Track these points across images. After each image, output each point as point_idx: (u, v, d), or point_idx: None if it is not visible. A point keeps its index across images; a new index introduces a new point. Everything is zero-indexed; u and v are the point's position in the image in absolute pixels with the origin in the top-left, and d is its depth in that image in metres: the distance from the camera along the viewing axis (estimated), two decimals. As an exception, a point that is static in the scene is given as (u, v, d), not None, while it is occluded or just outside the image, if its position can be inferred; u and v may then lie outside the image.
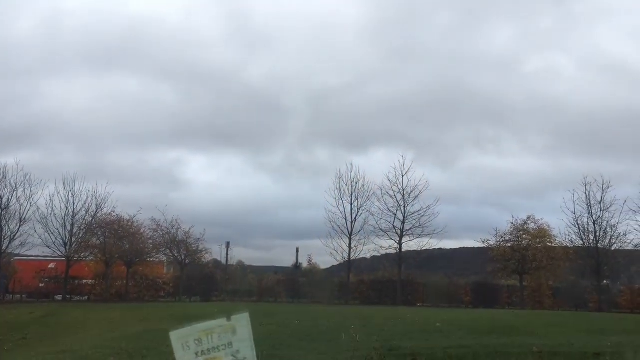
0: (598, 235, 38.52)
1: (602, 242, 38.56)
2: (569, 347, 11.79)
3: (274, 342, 11.91)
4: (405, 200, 39.99)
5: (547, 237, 40.81)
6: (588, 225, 38.79)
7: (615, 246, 38.94)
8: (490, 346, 11.70)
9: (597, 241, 38.46)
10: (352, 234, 40.47)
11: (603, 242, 38.55)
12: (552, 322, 18.84)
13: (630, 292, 38.40)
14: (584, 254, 39.24)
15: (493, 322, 18.26)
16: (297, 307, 30.70)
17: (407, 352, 10.62)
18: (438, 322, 17.49)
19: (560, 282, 41.49)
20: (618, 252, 39.76)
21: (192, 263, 42.14)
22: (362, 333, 13.44)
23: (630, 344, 12.55)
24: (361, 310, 26.36)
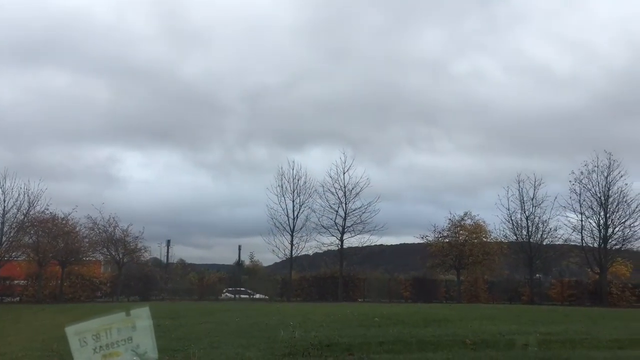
0: (530, 231, 40.20)
1: (534, 237, 40.30)
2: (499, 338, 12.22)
3: (211, 340, 11.82)
4: (347, 197, 40.46)
5: (482, 232, 42.20)
6: (521, 221, 40.48)
7: (546, 241, 40.80)
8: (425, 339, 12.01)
9: (529, 236, 40.11)
10: (294, 231, 40.66)
11: (535, 237, 40.29)
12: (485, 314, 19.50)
13: (560, 284, 40.14)
14: (517, 248, 40.85)
15: (429, 315, 18.73)
16: (238, 305, 30.52)
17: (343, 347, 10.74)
18: (376, 317, 17.79)
19: (495, 276, 42.91)
20: (549, 246, 41.60)
21: (130, 262, 41.25)
22: (301, 329, 13.55)
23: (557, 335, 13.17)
24: (302, 307, 26.48)
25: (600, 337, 12.74)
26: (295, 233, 40.62)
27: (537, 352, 10.24)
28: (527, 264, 39.83)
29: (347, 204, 40.38)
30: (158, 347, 10.13)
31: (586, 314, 22.04)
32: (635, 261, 43.21)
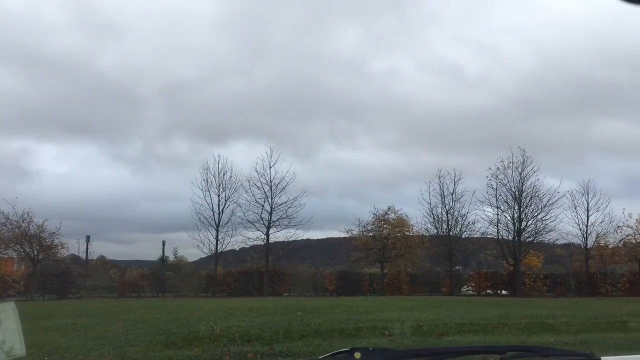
0: (450, 224, 41.69)
1: (454, 230, 41.81)
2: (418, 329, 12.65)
3: (128, 338, 11.56)
4: (273, 191, 40.43)
5: (405, 226, 43.35)
6: (442, 215, 41.86)
7: (465, 234, 42.44)
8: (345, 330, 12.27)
9: (449, 230, 41.58)
10: (220, 226, 40.23)
11: (455, 230, 41.81)
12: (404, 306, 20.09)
13: (477, 276, 41.88)
14: (438, 242, 42.24)
15: (351, 308, 19.09)
16: (161, 302, 29.92)
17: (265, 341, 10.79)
18: (299, 310, 17.95)
19: (417, 268, 44.20)
20: (468, 239, 43.31)
21: (46, 259, 39.47)
22: (223, 325, 13.48)
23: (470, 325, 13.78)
24: (226, 302, 26.30)
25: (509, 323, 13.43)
26: (221, 228, 40.26)
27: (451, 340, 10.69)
28: (447, 256, 41.27)
29: (273, 198, 40.39)
30: (72, 347, 9.79)
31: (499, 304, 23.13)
32: (547, 253, 45.77)
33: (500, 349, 1.69)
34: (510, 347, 1.69)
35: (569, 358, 1.70)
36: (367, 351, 1.63)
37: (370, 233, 42.86)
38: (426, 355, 1.65)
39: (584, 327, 12.59)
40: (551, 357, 1.70)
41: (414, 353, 1.65)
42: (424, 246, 43.30)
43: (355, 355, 1.60)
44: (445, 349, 1.71)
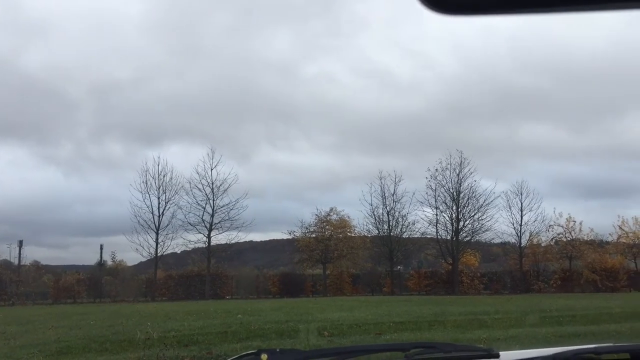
0: (391, 225, 42.35)
1: (395, 230, 42.50)
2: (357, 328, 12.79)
3: (60, 345, 11.18)
4: (215, 193, 40.01)
5: (347, 227, 43.77)
6: (383, 216, 42.48)
7: (405, 234, 43.24)
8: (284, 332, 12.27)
9: (390, 230, 42.24)
10: (160, 229, 39.45)
11: (395, 230, 42.50)
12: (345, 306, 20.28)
13: (417, 275, 42.71)
14: (380, 242, 42.84)
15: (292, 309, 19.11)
16: (97, 307, 29.05)
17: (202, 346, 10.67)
18: (240, 313, 17.83)
19: (359, 269, 44.67)
20: (408, 239, 44.13)
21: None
22: (161, 330, 13.23)
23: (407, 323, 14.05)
24: (165, 306, 25.81)
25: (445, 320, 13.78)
26: (161, 231, 39.49)
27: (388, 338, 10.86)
28: (389, 256, 41.91)
29: (215, 200, 39.97)
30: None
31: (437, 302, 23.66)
32: (483, 252, 47.18)
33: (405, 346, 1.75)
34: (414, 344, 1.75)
35: (469, 353, 1.78)
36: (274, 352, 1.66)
37: (312, 234, 43.06)
38: (332, 355, 1.69)
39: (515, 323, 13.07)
40: (453, 352, 1.77)
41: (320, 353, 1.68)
42: (366, 247, 43.86)
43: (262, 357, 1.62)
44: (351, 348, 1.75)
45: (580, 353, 1.84)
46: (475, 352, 1.77)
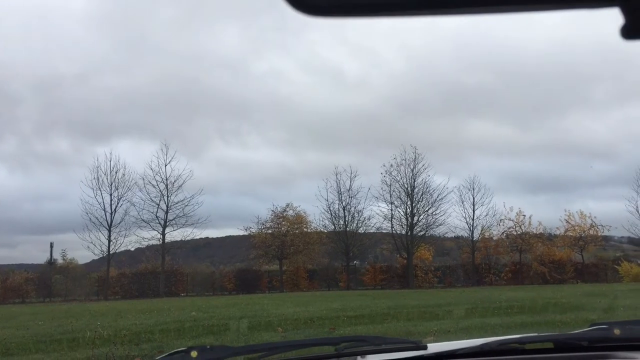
0: (347, 220, 42.64)
1: (351, 226, 42.81)
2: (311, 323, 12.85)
3: (5, 346, 10.86)
4: (169, 189, 39.46)
5: (303, 223, 43.88)
6: (339, 211, 42.74)
7: (361, 229, 43.62)
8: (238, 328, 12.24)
9: (346, 225, 42.52)
10: (112, 226, 38.67)
11: (351, 226, 42.81)
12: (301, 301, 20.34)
13: (373, 270, 43.15)
14: (336, 237, 43.09)
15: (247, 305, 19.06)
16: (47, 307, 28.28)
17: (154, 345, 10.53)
18: (194, 310, 17.67)
19: (316, 264, 44.84)
20: (364, 234, 44.55)
21: None
22: (112, 329, 12.98)
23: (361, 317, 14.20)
24: (118, 305, 25.36)
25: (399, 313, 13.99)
26: (114, 228, 38.72)
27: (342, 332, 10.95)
28: (345, 251, 42.20)
29: (169, 197, 39.41)
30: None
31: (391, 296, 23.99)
32: (437, 246, 48.00)
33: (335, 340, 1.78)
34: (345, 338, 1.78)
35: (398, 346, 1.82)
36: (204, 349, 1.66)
37: (269, 230, 42.98)
38: (262, 351, 1.70)
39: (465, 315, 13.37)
40: (382, 345, 1.81)
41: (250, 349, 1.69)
42: (322, 242, 44.06)
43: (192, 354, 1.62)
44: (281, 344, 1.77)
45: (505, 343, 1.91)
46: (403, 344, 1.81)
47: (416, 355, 1.80)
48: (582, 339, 1.92)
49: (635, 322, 2.01)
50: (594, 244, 43.20)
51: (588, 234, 42.32)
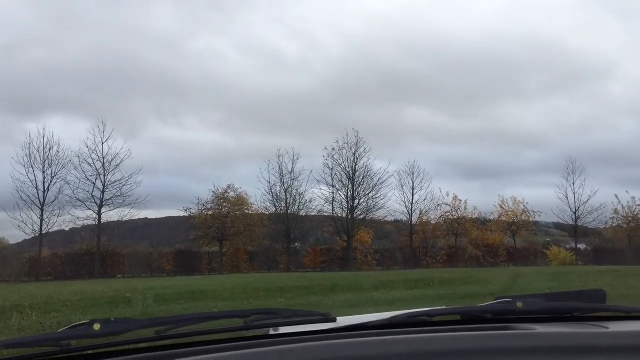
0: (289, 202, 42.69)
1: (292, 208, 42.90)
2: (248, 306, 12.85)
3: None
4: (106, 168, 38.33)
5: (245, 204, 43.66)
6: (280, 194, 42.72)
7: (303, 212, 43.79)
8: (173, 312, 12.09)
9: (287, 208, 42.58)
10: (45, 205, 37.28)
11: (293, 208, 42.91)
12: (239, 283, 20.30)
13: (313, 252, 43.49)
14: (277, 219, 43.10)
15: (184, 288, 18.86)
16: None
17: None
18: (128, 292, 17.32)
19: (257, 246, 44.76)
20: (306, 217, 44.74)
21: None
22: (41, 311, 12.58)
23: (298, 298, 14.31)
24: (49, 287, 24.58)
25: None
26: (46, 207, 37.32)
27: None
28: (286, 234, 42.30)
29: (106, 176, 38.29)
30: None
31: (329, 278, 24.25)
32: (377, 229, 48.80)
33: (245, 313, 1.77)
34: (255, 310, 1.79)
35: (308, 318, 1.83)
36: (108, 322, 1.62)
37: (209, 211, 42.53)
38: (168, 323, 1.68)
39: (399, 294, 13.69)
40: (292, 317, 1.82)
41: (155, 322, 1.67)
42: (263, 224, 44.00)
43: (94, 327, 1.58)
44: (189, 316, 1.75)
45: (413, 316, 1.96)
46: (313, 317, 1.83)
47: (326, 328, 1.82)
48: (486, 312, 1.99)
49: (536, 295, 2.10)
50: (526, 229, 45.07)
51: (520, 219, 44.05)
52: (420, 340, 1.74)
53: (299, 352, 1.61)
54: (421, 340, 1.74)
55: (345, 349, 1.66)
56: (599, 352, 1.69)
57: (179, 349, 1.64)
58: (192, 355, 1.58)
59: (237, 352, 1.62)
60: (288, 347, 1.64)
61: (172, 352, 1.61)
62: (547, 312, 1.98)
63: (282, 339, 1.75)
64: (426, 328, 1.89)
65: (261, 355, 1.60)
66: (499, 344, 1.74)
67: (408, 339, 1.74)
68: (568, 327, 1.84)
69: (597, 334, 1.78)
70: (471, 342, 1.74)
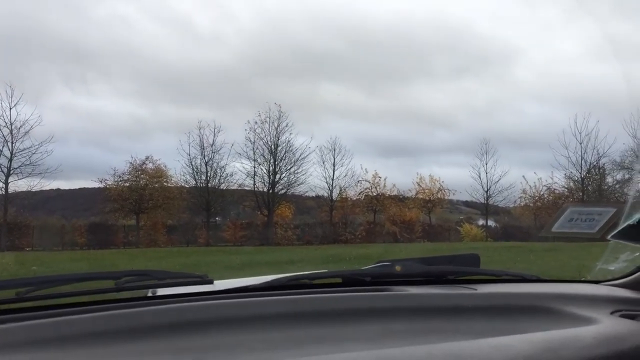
0: (209, 176, 42.09)
1: (213, 181, 42.35)
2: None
3: None
4: (14, 135, 36.17)
5: (164, 177, 42.58)
6: (201, 167, 42.02)
7: (223, 186, 43.33)
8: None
9: (208, 181, 42.00)
10: (-57, 173, 34.84)
11: (213, 181, 42.37)
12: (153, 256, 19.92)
13: (233, 226, 43.19)
14: (197, 193, 42.42)
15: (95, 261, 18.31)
16: None
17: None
18: (35, 265, 16.61)
19: (175, 220, 43.89)
20: (226, 191, 44.29)
21: None
22: None
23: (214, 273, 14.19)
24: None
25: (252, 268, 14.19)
26: (-55, 175, 34.90)
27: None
28: (206, 207, 41.75)
29: (14, 143, 36.15)
30: None
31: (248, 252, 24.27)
32: (298, 204, 49.10)
33: (116, 274, 1.72)
34: (126, 272, 1.73)
35: (183, 280, 1.80)
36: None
37: (126, 183, 41.20)
38: (32, 284, 1.60)
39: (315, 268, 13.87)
40: (167, 279, 1.78)
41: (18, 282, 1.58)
42: (183, 197, 43.15)
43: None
44: (55, 277, 1.68)
45: (294, 279, 1.96)
46: (189, 278, 1.80)
47: (205, 290, 1.80)
48: (366, 275, 2.03)
49: (414, 259, 2.17)
50: (441, 206, 46.72)
51: (436, 197, 45.56)
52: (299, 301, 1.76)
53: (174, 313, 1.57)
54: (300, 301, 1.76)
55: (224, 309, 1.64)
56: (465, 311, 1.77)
57: (40, 311, 1.57)
58: (54, 317, 1.51)
59: (106, 312, 1.57)
60: (163, 308, 1.60)
61: (32, 314, 1.54)
62: (422, 275, 2.04)
63: (157, 301, 1.71)
64: (307, 290, 1.91)
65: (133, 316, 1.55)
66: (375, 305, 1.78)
67: (287, 300, 1.75)
68: (440, 289, 1.91)
69: (465, 295, 1.86)
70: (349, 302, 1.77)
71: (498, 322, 1.66)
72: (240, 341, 1.46)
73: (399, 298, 1.83)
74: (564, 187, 43.43)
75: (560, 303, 1.78)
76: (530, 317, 1.70)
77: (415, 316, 1.71)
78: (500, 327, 1.58)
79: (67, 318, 1.50)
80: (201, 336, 1.48)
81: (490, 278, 2.11)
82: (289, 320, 1.61)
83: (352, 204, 44.49)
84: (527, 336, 1.45)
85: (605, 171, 41.09)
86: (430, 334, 1.55)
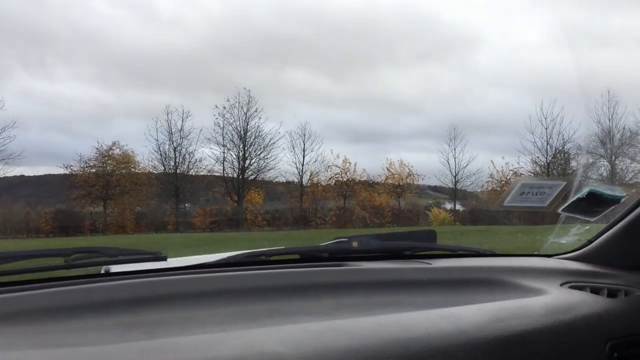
0: (178, 162, 41.65)
1: (182, 167, 41.95)
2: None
3: None
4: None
5: (131, 163, 41.98)
6: (169, 152, 41.54)
7: (192, 172, 42.96)
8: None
9: (176, 167, 41.57)
10: None
11: (182, 167, 41.97)
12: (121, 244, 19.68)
13: (203, 213, 42.87)
14: (165, 179, 41.96)
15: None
16: None
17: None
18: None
19: (144, 206, 43.34)
20: (195, 177, 43.95)
21: None
22: None
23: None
24: None
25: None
26: None
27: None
28: (175, 194, 41.36)
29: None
30: None
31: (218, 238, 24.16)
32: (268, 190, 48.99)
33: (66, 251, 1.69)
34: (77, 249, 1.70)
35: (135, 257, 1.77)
36: None
37: (92, 169, 40.51)
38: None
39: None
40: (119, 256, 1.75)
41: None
42: (151, 183, 42.62)
43: None
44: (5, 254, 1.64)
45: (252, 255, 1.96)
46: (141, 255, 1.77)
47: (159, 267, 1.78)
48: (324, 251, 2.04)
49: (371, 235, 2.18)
50: (410, 191, 47.16)
51: (405, 182, 45.96)
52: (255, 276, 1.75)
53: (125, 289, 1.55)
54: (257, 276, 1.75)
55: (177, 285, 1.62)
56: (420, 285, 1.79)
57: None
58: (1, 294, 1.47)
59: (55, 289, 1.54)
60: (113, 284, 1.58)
61: None
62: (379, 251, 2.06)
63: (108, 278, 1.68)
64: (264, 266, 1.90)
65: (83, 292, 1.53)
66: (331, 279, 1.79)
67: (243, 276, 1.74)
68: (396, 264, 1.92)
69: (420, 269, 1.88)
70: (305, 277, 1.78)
71: (452, 295, 1.69)
72: (192, 316, 1.45)
73: (355, 273, 1.84)
74: (530, 172, 44.17)
75: (512, 276, 1.81)
76: (483, 289, 1.73)
77: (371, 290, 1.73)
78: (454, 300, 1.60)
79: (15, 295, 1.47)
80: (152, 312, 1.47)
81: (446, 253, 2.14)
82: (244, 296, 1.60)
83: (322, 190, 44.57)
84: (477, 307, 1.48)
85: (570, 156, 41.98)
86: (385, 307, 1.57)
